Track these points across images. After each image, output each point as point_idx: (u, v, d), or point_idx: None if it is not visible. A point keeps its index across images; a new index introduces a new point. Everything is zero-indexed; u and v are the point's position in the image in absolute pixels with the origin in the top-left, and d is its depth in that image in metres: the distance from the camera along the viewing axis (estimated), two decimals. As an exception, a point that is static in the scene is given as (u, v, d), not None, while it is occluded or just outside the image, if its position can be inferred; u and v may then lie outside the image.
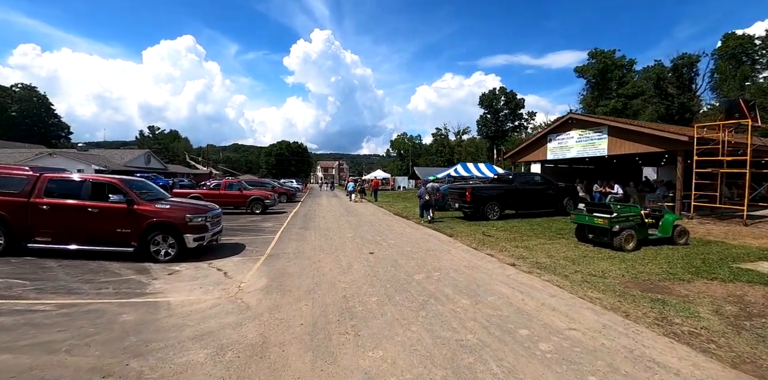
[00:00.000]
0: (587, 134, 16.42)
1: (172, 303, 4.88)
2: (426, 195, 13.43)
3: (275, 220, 14.34)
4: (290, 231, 11.51)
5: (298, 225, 12.75)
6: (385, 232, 11.01)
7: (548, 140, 18.63)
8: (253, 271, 6.59)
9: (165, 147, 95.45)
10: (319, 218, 15.02)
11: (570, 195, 14.91)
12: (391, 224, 12.98)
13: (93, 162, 35.19)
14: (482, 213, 13.25)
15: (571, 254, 7.94)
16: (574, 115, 17.23)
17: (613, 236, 8.42)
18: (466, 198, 13.11)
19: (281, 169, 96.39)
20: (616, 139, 15.20)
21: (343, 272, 6.39)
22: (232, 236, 10.53)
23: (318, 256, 7.72)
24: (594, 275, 6.25)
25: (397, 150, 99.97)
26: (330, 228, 12.08)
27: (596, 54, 53.31)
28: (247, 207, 16.42)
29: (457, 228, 11.47)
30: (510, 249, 8.32)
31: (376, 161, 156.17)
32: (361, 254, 7.88)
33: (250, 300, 4.97)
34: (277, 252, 8.22)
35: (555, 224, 12.44)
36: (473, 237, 9.94)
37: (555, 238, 9.95)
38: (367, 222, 13.72)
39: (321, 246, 8.91)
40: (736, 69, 47.98)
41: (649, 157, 20.18)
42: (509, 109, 75.14)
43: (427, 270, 6.43)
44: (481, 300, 4.84)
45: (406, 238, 9.85)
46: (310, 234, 10.71)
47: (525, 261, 7.20)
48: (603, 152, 15.72)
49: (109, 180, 7.87)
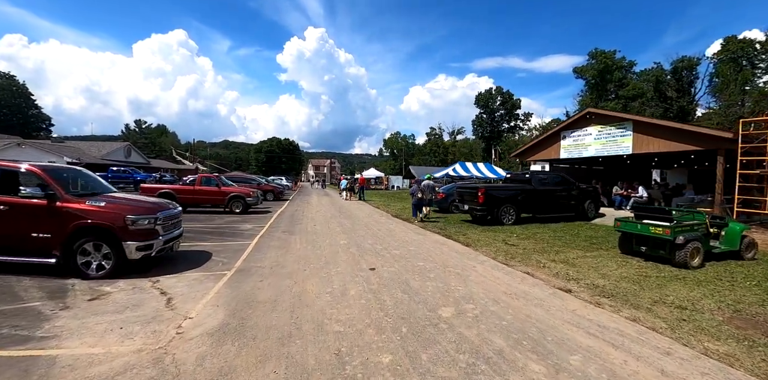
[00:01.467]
0: (608, 130, 14.77)
1: (58, 363, 2.98)
2: (419, 193, 12.67)
3: (257, 221, 12.38)
4: (272, 235, 9.59)
5: (281, 228, 10.82)
6: (385, 239, 9.14)
7: (562, 137, 16.96)
8: (210, 297, 4.69)
9: (152, 141, 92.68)
10: (308, 220, 13.10)
11: (591, 198, 13.23)
12: (391, 228, 11.11)
13: (66, 154, 32.65)
14: (496, 217, 11.48)
15: (626, 273, 6.20)
16: (593, 109, 15.56)
17: (675, 249, 6.71)
18: (479, 199, 11.32)
19: (271, 166, 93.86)
20: (642, 136, 13.56)
21: (336, 301, 4.51)
22: (200, 241, 8.60)
23: (302, 273, 5.83)
24: (683, 307, 4.52)
25: (390, 149, 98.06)
26: (319, 232, 10.18)
27: (596, 54, 52.15)
28: (226, 206, 14.42)
29: (471, 235, 9.66)
30: (548, 264, 6.53)
31: (368, 160, 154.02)
32: (359, 270, 6.01)
33: (188, 358, 3.08)
34: (249, 266, 6.31)
35: (581, 231, 10.73)
36: (494, 246, 8.14)
37: (591, 249, 8.21)
38: (363, 225, 11.85)
39: (307, 257, 7.01)
40: (738, 73, 47.18)
41: (664, 159, 18.68)
42: (505, 110, 73.89)
43: (454, 299, 4.58)
44: (559, 364, 3.01)
45: (414, 248, 7.98)
46: (295, 241, 8.81)
47: (578, 283, 5.42)
48: (627, 150, 14.07)
49: (25, 168, 5.88)
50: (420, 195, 12.64)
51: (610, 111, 16.99)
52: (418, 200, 12.73)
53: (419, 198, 12.67)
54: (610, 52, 51.74)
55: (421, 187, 12.75)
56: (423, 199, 12.70)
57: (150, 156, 77.65)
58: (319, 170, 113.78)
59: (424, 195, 12.71)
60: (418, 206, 12.87)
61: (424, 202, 12.86)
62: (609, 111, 16.68)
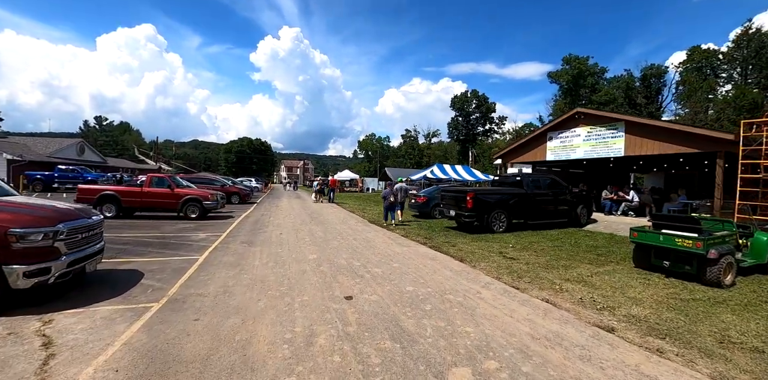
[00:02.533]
0: (598, 131, 13.99)
1: None
2: (391, 196, 12.16)
3: (213, 229, 10.70)
4: (227, 247, 8.00)
5: (241, 238, 9.22)
6: (363, 252, 7.73)
7: (548, 138, 16.12)
8: (112, 351, 3.18)
9: (113, 139, 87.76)
10: (273, 227, 11.51)
11: (584, 203, 12.33)
12: (369, 238, 9.71)
13: (6, 150, 29.38)
14: (486, 224, 10.32)
15: (657, 295, 5.13)
16: (582, 109, 14.74)
17: (706, 265, 5.71)
18: (467, 204, 10.13)
19: (242, 167, 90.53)
20: (635, 137, 12.82)
21: (297, 359, 3.09)
22: (135, 256, 6.94)
23: (255, 306, 4.35)
24: (759, 350, 3.42)
25: (365, 151, 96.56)
26: (285, 243, 8.66)
27: (571, 60, 52.80)
28: (180, 211, 12.60)
29: (462, 246, 8.41)
30: (564, 286, 5.34)
31: (342, 162, 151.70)
32: (332, 300, 4.59)
33: None
34: (186, 294, 4.78)
35: (580, 239, 9.71)
36: (492, 261, 6.91)
37: (601, 262, 7.14)
38: (337, 233, 10.40)
39: (265, 279, 5.52)
40: (702, 81, 48.87)
41: (650, 162, 18.23)
42: (480, 113, 74.05)
43: (466, 350, 3.25)
44: None
45: (399, 264, 6.61)
46: (255, 255, 7.27)
47: (614, 315, 4.24)
48: (618, 152, 13.31)
49: None
50: (392, 199, 12.15)
51: (601, 111, 16.30)
52: (391, 203, 12.23)
53: (391, 201, 12.18)
54: (583, 58, 52.53)
55: (393, 190, 12.23)
56: (395, 203, 12.24)
57: (111, 155, 73.17)
58: (292, 171, 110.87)
59: (397, 199, 12.27)
60: (390, 209, 12.35)
61: (397, 206, 12.44)
62: (599, 111, 15.98)
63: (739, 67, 50.52)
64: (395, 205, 12.28)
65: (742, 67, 50.01)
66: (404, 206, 13.35)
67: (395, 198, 12.15)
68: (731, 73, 51.37)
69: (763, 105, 40.87)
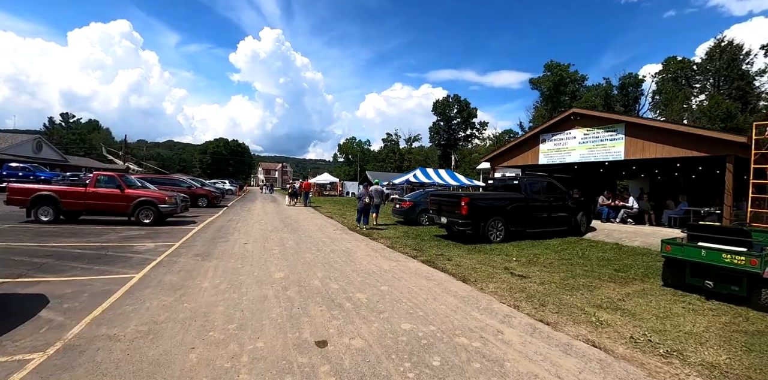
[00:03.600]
0: (596, 133, 13.14)
1: None
2: (366, 197, 11.76)
3: (167, 237, 9.13)
4: (175, 262, 6.51)
5: (196, 249, 7.71)
6: (343, 268, 6.38)
7: (541, 141, 15.21)
8: None
9: (81, 138, 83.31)
10: (239, 234, 10.01)
11: (584, 210, 11.36)
12: (349, 249, 8.35)
13: (-53, 147, 26.58)
14: (482, 233, 9.15)
15: (712, 326, 4.10)
16: (578, 109, 13.86)
17: (761, 286, 4.69)
18: (461, 210, 8.94)
19: (217, 168, 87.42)
20: (637, 140, 11.98)
21: None
22: (51, 273, 5.42)
23: (180, 363, 2.94)
24: None
25: (345, 154, 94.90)
26: (248, 256, 7.22)
27: (552, 66, 53.09)
28: (132, 215, 10.92)
29: (459, 260, 7.17)
30: (603, 317, 4.16)
31: (322, 166, 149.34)
32: (296, 349, 3.23)
33: None
34: (92, 336, 3.35)
35: (586, 250, 8.66)
36: (501, 280, 5.69)
37: (622, 280, 6.05)
38: (312, 243, 9.02)
39: (210, 311, 4.11)
40: (679, 90, 49.95)
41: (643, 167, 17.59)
42: (462, 118, 73.87)
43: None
44: None
45: (387, 287, 5.28)
46: (207, 273, 5.82)
47: (686, 362, 3.08)
48: (618, 156, 12.45)
49: None
50: (367, 200, 11.74)
51: (599, 111, 15.50)
52: (365, 205, 11.79)
53: (366, 203, 11.76)
54: (564, 65, 52.89)
55: (369, 192, 11.87)
56: (370, 204, 11.86)
57: (78, 154, 69.05)
58: (270, 174, 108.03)
59: (373, 201, 11.96)
60: (363, 211, 11.87)
61: (372, 209, 12.22)
62: (597, 111, 15.17)
63: (711, 78, 51.97)
64: (370, 207, 11.87)
65: (715, 78, 51.44)
66: (379, 210, 12.93)
67: (370, 199, 11.78)
68: (704, 83, 52.78)
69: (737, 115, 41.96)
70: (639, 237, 10.75)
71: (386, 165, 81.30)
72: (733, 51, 49.09)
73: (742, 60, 48.66)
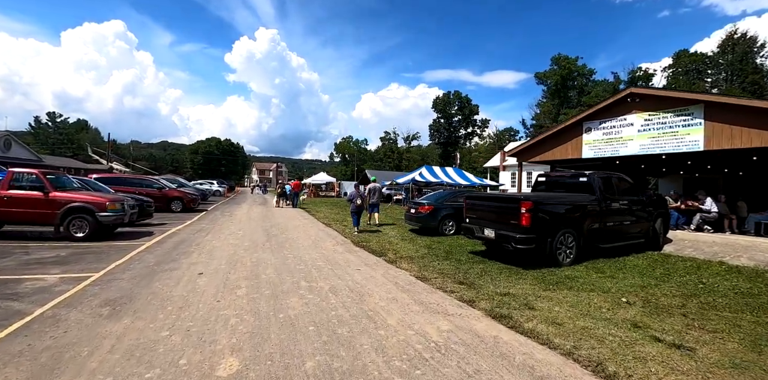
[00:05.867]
0: (661, 119, 10.41)
1: None
2: (358, 198, 10.85)
3: (89, 262, 6.27)
4: (56, 322, 3.66)
5: (115, 288, 4.84)
6: (356, 339, 3.43)
7: (585, 130, 12.47)
8: None
9: (68, 138, 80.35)
10: (199, 255, 7.14)
11: (663, 215, 8.64)
12: (361, 286, 5.45)
13: None
14: (550, 252, 6.35)
15: None
16: (637, 89, 11.03)
17: None
18: (521, 220, 6.14)
19: (209, 169, 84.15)
20: (721, 125, 9.28)
21: None
22: None
23: None
24: None
25: (342, 154, 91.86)
26: (192, 305, 4.36)
27: (560, 60, 50.51)
28: (60, 225, 8.06)
29: (541, 305, 4.35)
30: None
31: (319, 166, 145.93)
32: None
33: None
34: None
35: (703, 276, 5.89)
36: (651, 363, 2.92)
37: None
38: (302, 273, 6.18)
39: None
40: (691, 84, 47.65)
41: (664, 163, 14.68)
42: (463, 115, 71.17)
43: None
44: None
45: None
46: (86, 362, 2.99)
47: None
48: (695, 146, 9.74)
49: None
50: (359, 202, 10.84)
51: (667, 90, 12.66)
52: (357, 207, 10.87)
53: (358, 205, 10.84)
54: (573, 58, 50.35)
55: (360, 192, 11.01)
56: (362, 206, 11.04)
57: (66, 154, 65.71)
58: (264, 174, 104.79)
59: (365, 201, 11.33)
60: (357, 213, 10.92)
61: (370, 208, 11.95)
62: (664, 90, 12.32)
63: (723, 72, 49.79)
64: (362, 209, 11.10)
65: (727, 72, 49.23)
66: (378, 209, 12.50)
67: (362, 201, 10.98)
68: (717, 77, 50.58)
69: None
70: (739, 252, 8.07)
71: (384, 164, 78.44)
72: (746, 44, 46.85)
73: (756, 52, 46.48)
